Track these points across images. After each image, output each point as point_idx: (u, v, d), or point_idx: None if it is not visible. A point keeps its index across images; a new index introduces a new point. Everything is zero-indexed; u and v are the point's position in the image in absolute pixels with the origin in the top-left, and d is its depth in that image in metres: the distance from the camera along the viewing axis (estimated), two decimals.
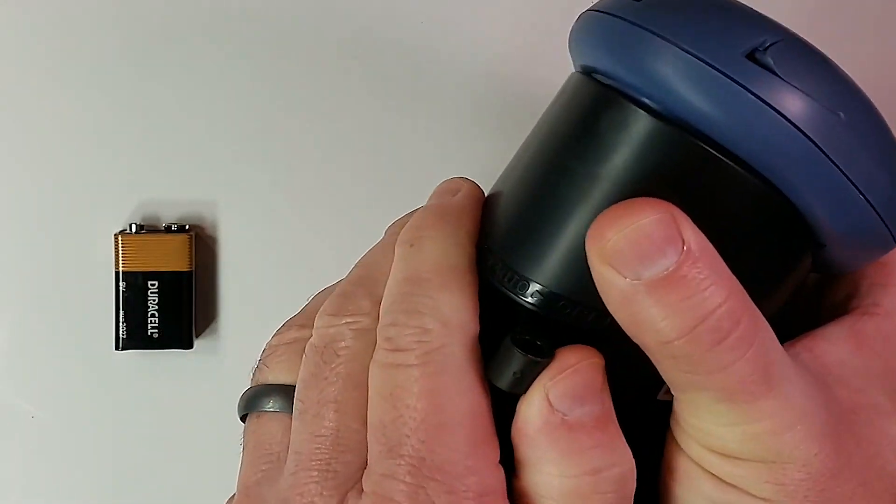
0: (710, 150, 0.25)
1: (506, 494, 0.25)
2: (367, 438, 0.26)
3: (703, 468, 0.26)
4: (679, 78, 0.25)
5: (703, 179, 0.25)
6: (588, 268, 0.25)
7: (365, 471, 0.26)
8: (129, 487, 0.43)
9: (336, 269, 0.42)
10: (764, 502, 0.25)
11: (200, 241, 0.42)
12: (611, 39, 0.26)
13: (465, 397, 0.25)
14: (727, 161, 0.25)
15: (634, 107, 0.26)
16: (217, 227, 0.42)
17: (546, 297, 0.26)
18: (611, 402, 0.25)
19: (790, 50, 0.25)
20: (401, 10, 0.43)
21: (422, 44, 0.43)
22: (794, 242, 0.27)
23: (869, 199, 0.25)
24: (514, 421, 0.25)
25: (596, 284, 0.24)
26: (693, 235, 0.23)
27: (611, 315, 0.25)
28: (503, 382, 0.25)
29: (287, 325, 0.31)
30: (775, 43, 0.24)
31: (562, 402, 0.25)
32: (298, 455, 0.27)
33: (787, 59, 0.24)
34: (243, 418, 0.31)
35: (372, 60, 0.43)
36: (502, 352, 0.26)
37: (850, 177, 0.25)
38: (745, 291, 0.24)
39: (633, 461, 0.25)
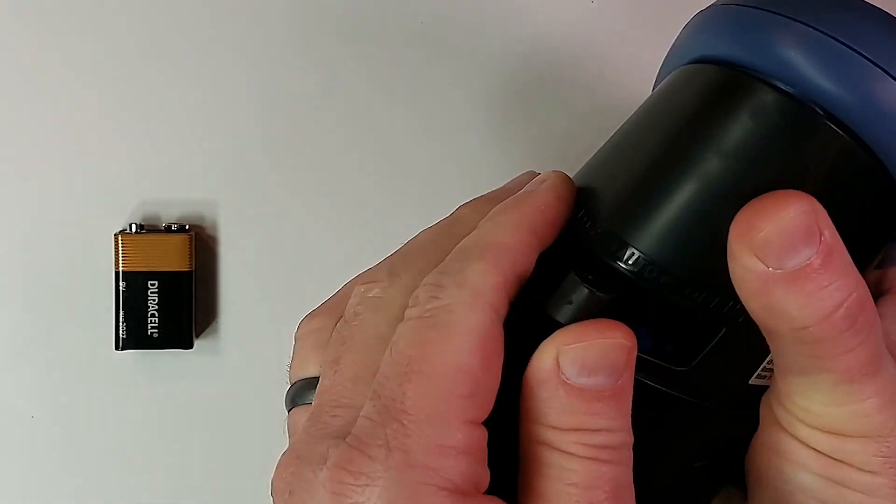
0: (852, 141, 0.26)
1: (477, 456, 0.25)
2: (366, 396, 0.26)
3: (810, 447, 0.27)
4: (845, 72, 0.26)
5: (841, 170, 0.26)
6: (712, 251, 0.26)
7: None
8: (130, 487, 0.43)
9: (336, 268, 0.42)
10: (871, 475, 0.26)
11: (200, 241, 0.42)
12: (787, 37, 0.27)
13: (456, 355, 0.25)
14: (862, 152, 0.26)
15: (809, 107, 0.26)
16: (217, 227, 0.42)
17: (676, 282, 0.26)
18: (629, 381, 0.26)
19: None
20: (402, 8, 0.43)
21: (423, 42, 0.43)
22: (890, 237, 0.28)
23: None
24: (527, 367, 0.26)
25: (733, 271, 0.25)
26: (829, 227, 0.24)
27: (721, 297, 0.26)
28: (559, 313, 0.26)
29: (310, 315, 0.31)
30: None
31: (570, 366, 0.25)
32: (308, 411, 0.28)
33: None
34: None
35: (373, 60, 0.43)
36: (565, 283, 0.26)
37: None
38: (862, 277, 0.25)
39: (632, 439, 0.26)
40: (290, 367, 0.31)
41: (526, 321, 0.26)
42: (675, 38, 0.30)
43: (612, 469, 0.25)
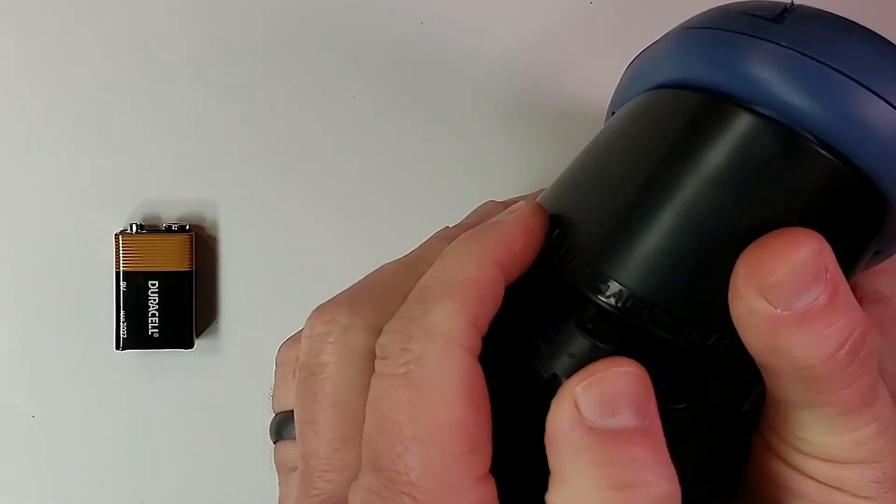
0: (843, 166, 0.25)
1: None
2: (356, 454, 0.26)
3: (807, 475, 0.27)
4: (852, 106, 0.25)
5: (835, 196, 0.25)
6: (703, 287, 0.25)
7: (353, 483, 0.25)
8: (129, 487, 0.43)
9: (336, 268, 0.42)
10: (867, 500, 0.26)
11: (200, 241, 0.42)
12: (771, 63, 0.26)
13: (444, 410, 0.24)
14: (849, 171, 0.25)
15: (801, 135, 0.25)
16: (217, 227, 0.42)
17: (640, 306, 0.25)
18: (656, 418, 0.24)
19: None
20: (403, 9, 0.43)
21: (424, 43, 0.43)
22: (872, 250, 0.27)
23: None
24: (546, 429, 0.25)
25: (736, 312, 0.24)
26: (833, 263, 0.24)
27: (717, 335, 0.25)
28: (559, 367, 0.25)
29: (287, 343, 0.31)
30: None
31: (592, 409, 0.24)
32: (297, 475, 0.27)
33: None
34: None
35: (374, 60, 0.43)
36: (563, 335, 0.25)
37: None
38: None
39: (678, 486, 0.24)
40: (273, 396, 0.31)
41: (512, 370, 0.25)
42: (633, 60, 0.29)
43: None
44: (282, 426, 0.30)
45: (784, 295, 0.23)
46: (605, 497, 0.23)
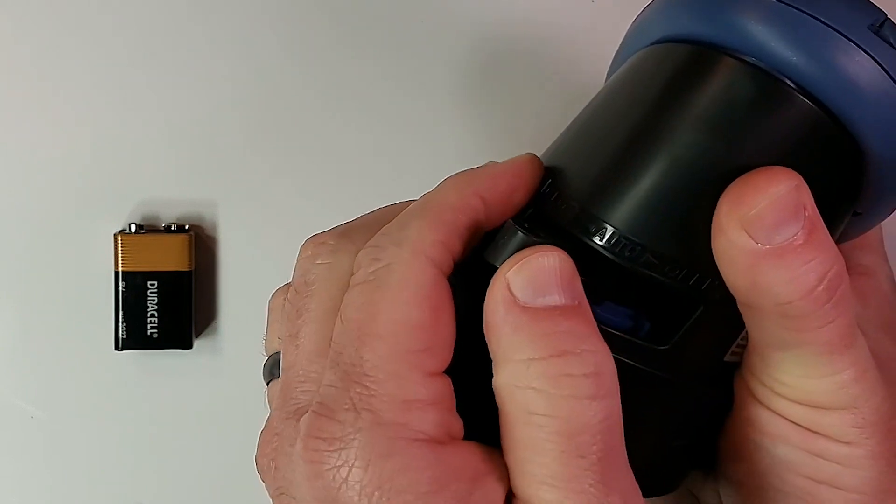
0: (822, 112, 0.26)
1: (444, 405, 0.25)
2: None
3: (788, 420, 0.27)
4: (822, 49, 0.26)
5: (813, 141, 0.26)
6: (690, 226, 0.26)
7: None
8: (129, 487, 0.43)
9: None
10: (850, 446, 0.27)
11: (200, 241, 0.42)
12: (756, 15, 0.27)
13: (402, 310, 0.25)
14: (844, 129, 0.26)
15: (776, 79, 0.26)
16: (217, 227, 0.42)
17: (627, 245, 0.26)
18: (585, 301, 0.25)
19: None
20: (403, 8, 0.43)
21: (424, 43, 0.43)
22: (851, 208, 0.28)
23: None
24: (484, 318, 0.26)
25: (719, 248, 0.25)
26: (811, 202, 0.25)
27: (699, 274, 0.26)
28: (497, 259, 0.26)
29: (279, 290, 0.32)
30: (887, 20, 0.26)
31: (523, 290, 0.25)
32: (277, 386, 0.28)
33: None
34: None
35: (375, 61, 0.43)
36: (503, 231, 0.26)
37: None
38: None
39: (610, 355, 0.25)
40: (265, 339, 0.32)
41: (476, 276, 0.27)
42: (632, 22, 0.30)
43: (596, 406, 0.24)
44: (273, 367, 0.30)
45: (764, 228, 0.24)
46: (544, 367, 0.24)
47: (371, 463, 0.24)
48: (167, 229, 0.41)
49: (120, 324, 0.41)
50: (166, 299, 0.41)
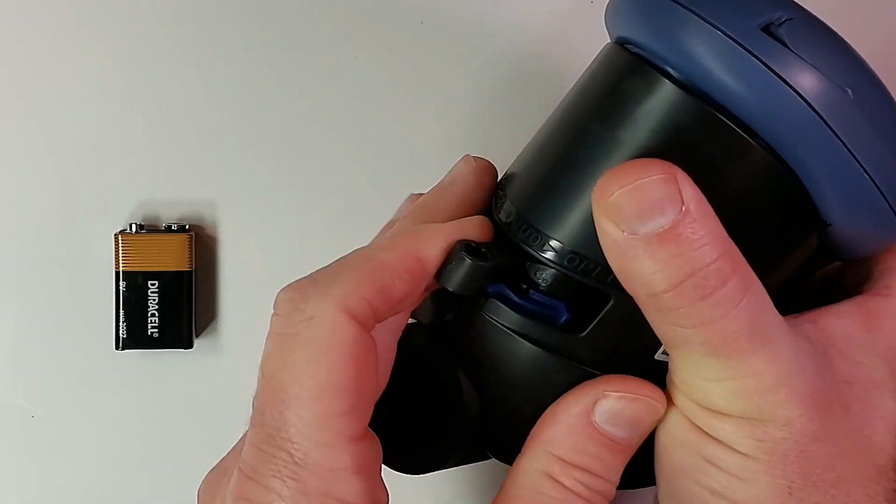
0: (722, 117, 0.26)
1: (368, 470, 0.26)
2: None
3: (691, 422, 0.27)
4: (697, 45, 0.26)
5: (714, 145, 0.26)
6: (581, 214, 0.27)
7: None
8: (129, 487, 0.43)
9: None
10: (745, 458, 0.26)
11: (200, 241, 0.42)
12: (639, 9, 0.27)
13: (325, 372, 0.25)
14: (736, 129, 0.26)
15: (655, 72, 0.27)
16: (217, 227, 0.42)
17: (557, 251, 0.27)
18: (636, 448, 0.28)
19: (804, 27, 0.26)
20: (403, 8, 0.43)
21: (425, 43, 0.43)
22: (798, 216, 0.27)
23: (872, 176, 0.26)
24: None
25: (598, 234, 0.25)
26: (693, 196, 0.24)
27: (600, 266, 0.27)
28: (447, 281, 0.28)
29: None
30: (790, 19, 0.25)
31: (603, 413, 0.27)
32: None
33: (801, 34, 0.25)
34: None
35: (376, 61, 0.43)
36: (452, 255, 0.28)
37: (855, 153, 0.25)
38: (741, 255, 0.25)
39: (613, 495, 0.28)
40: None
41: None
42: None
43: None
44: None
45: (626, 217, 0.24)
46: (565, 472, 0.27)
47: None
48: (167, 229, 0.41)
49: (120, 324, 0.41)
50: (166, 299, 0.41)
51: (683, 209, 0.24)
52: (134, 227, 0.41)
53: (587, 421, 0.27)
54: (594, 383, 0.27)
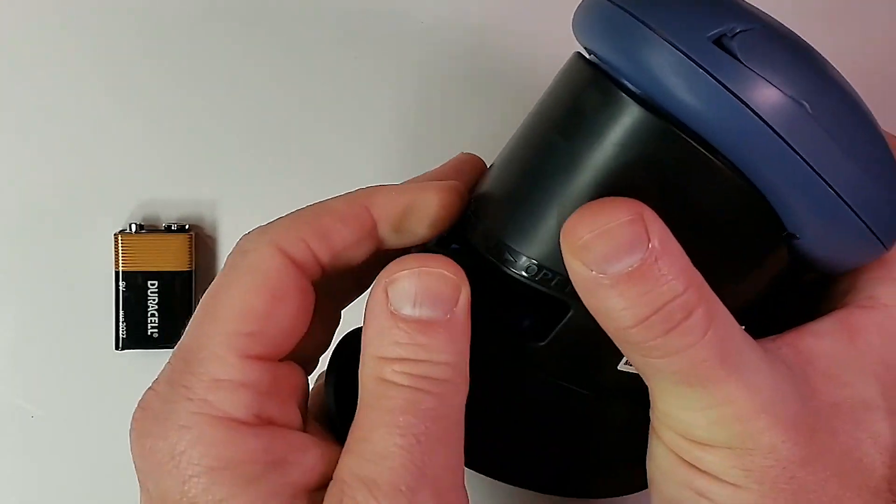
0: (678, 131, 0.25)
1: (260, 389, 0.26)
2: None
3: (677, 455, 0.27)
4: (649, 59, 0.25)
5: (673, 161, 0.26)
6: (550, 231, 0.26)
7: None
8: (130, 487, 0.42)
9: None
10: (734, 488, 0.26)
11: (200, 241, 0.42)
12: (595, 19, 0.27)
13: (239, 295, 0.27)
14: (695, 144, 0.25)
15: (613, 86, 0.26)
16: (217, 227, 0.42)
17: (517, 260, 0.27)
18: (461, 322, 0.26)
19: (761, 38, 0.25)
20: (408, 9, 0.43)
21: (425, 45, 0.43)
22: (763, 231, 0.27)
23: (837, 189, 0.25)
24: None
25: (568, 272, 0.25)
26: (659, 233, 0.24)
27: (560, 277, 0.27)
28: None
29: None
30: (747, 30, 0.25)
31: (396, 297, 0.26)
32: None
33: (755, 47, 0.24)
34: None
35: (375, 61, 0.43)
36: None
37: (816, 168, 0.25)
38: (705, 284, 0.25)
39: (463, 378, 0.26)
40: None
41: None
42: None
43: (432, 400, 0.26)
44: None
45: (595, 259, 0.25)
46: (386, 367, 0.26)
47: (170, 434, 0.26)
48: (167, 229, 0.41)
49: (120, 324, 0.41)
50: (166, 299, 0.41)
51: (650, 247, 0.24)
52: (134, 227, 0.41)
53: (388, 312, 0.26)
54: (382, 274, 0.27)
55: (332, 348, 0.31)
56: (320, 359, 0.31)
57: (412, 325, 0.26)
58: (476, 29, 0.43)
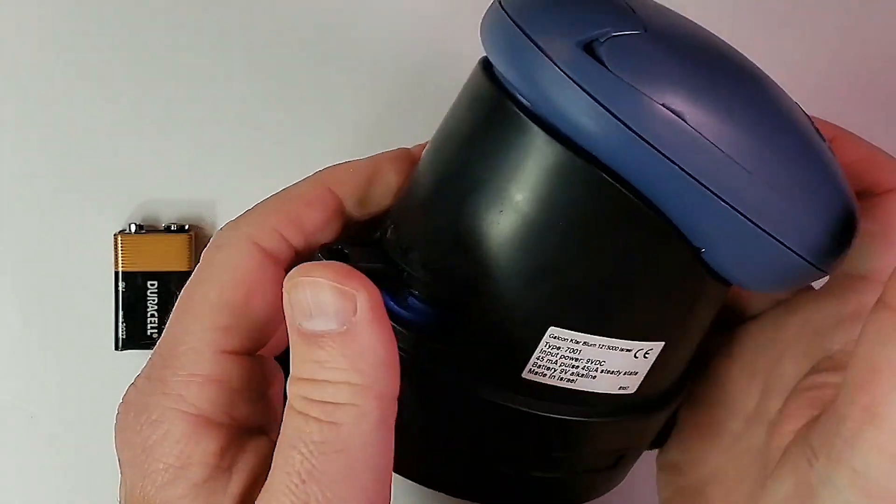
0: (553, 138, 0.24)
1: (230, 386, 0.27)
2: None
3: None
4: (523, 66, 0.24)
5: (549, 165, 0.25)
6: (439, 241, 0.27)
7: None
8: None
9: None
10: None
11: (200, 241, 0.42)
12: (485, 26, 0.27)
13: (213, 290, 0.28)
14: (571, 152, 0.24)
15: (504, 97, 0.26)
16: (217, 227, 0.42)
17: (418, 262, 0.27)
18: (365, 334, 0.24)
19: (637, 43, 0.24)
20: (390, 5, 0.43)
21: (426, 46, 0.43)
22: (661, 242, 0.25)
23: (713, 189, 0.24)
24: None
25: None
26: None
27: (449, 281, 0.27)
28: None
29: None
30: (621, 35, 0.24)
31: (290, 309, 0.25)
32: None
33: (626, 53, 0.23)
34: None
35: (375, 61, 0.43)
36: (312, 258, 0.28)
37: (697, 177, 0.23)
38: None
39: (369, 402, 0.24)
40: None
41: None
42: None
43: (325, 432, 0.24)
44: None
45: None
46: (291, 391, 0.26)
47: (143, 428, 0.27)
48: (167, 229, 0.41)
49: (120, 324, 0.41)
50: (166, 299, 0.41)
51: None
52: (134, 227, 0.41)
53: (294, 326, 0.24)
54: (284, 281, 0.25)
55: None
56: None
57: (310, 340, 0.24)
58: (469, 36, 0.43)
